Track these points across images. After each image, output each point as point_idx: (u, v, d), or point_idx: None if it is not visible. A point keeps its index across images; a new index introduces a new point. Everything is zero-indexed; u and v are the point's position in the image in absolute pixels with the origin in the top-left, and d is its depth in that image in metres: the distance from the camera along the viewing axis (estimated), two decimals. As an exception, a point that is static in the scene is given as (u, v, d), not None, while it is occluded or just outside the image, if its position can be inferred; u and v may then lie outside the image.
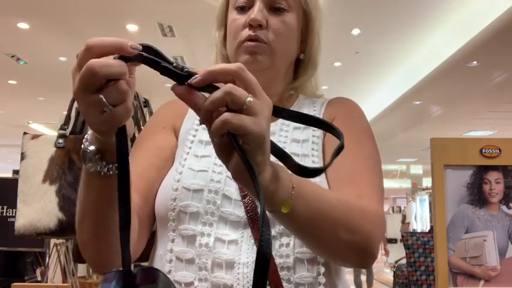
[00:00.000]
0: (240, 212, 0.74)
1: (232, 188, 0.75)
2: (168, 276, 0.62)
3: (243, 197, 0.74)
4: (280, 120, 0.84)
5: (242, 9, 0.83)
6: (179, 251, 0.74)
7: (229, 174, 0.55)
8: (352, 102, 0.93)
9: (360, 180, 0.75)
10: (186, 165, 0.78)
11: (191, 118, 0.88)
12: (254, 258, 0.58)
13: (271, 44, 0.81)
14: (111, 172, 0.58)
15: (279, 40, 0.81)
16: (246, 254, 0.71)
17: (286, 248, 0.72)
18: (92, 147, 0.57)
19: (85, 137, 0.59)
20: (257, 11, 0.79)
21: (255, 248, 0.71)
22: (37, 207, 1.24)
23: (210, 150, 0.75)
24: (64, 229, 1.24)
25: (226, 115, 0.48)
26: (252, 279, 0.53)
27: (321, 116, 0.85)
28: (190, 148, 0.82)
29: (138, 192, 0.76)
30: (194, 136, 0.84)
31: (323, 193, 0.66)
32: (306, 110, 0.86)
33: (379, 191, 0.76)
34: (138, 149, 0.83)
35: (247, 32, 0.80)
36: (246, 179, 0.50)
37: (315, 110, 0.88)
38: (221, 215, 0.74)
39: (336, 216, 0.64)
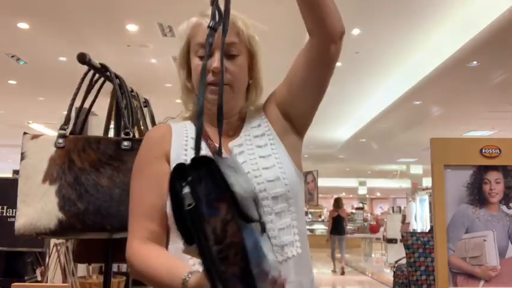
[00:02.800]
0: None
1: None
2: (191, 259, 0.92)
3: None
4: (243, 134, 1.12)
5: (203, 57, 1.03)
6: None
7: None
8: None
9: None
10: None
11: (177, 140, 1.08)
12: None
13: (230, 84, 1.06)
14: None
15: (235, 79, 1.07)
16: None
17: (270, 223, 1.01)
18: None
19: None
20: (217, 61, 1.01)
21: None
22: (37, 207, 1.24)
23: None
24: (64, 229, 1.23)
25: None
26: None
27: (268, 124, 1.14)
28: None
29: (154, 221, 1.01)
30: (186, 156, 1.05)
31: None
32: (256, 117, 1.16)
33: None
34: (140, 180, 1.05)
35: (211, 77, 1.03)
36: None
37: (261, 117, 1.16)
38: None
39: None
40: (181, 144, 1.08)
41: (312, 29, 1.06)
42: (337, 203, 10.77)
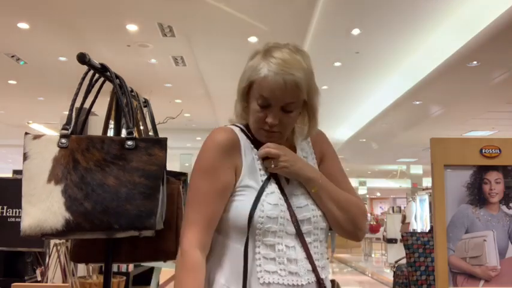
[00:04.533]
0: (291, 228, 1.20)
1: (288, 215, 1.19)
2: (259, 267, 1.15)
3: (293, 220, 1.19)
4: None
5: (262, 106, 1.17)
6: (265, 253, 1.16)
7: (286, 204, 1.20)
8: (325, 135, 1.40)
9: (348, 187, 1.34)
10: (266, 201, 1.17)
11: (248, 154, 1.23)
12: (304, 255, 1.19)
13: (282, 132, 1.22)
14: None
15: (287, 129, 1.23)
16: (300, 253, 1.19)
17: (318, 248, 1.24)
18: None
19: None
20: (273, 117, 1.17)
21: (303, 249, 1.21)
22: (43, 208, 1.23)
23: (272, 187, 1.20)
24: (71, 229, 1.23)
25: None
26: (308, 269, 1.18)
27: (311, 149, 1.35)
28: (263, 185, 1.20)
29: (210, 230, 1.16)
30: (260, 175, 1.22)
31: (338, 189, 1.27)
32: (304, 145, 1.34)
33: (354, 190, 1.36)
34: (208, 183, 1.17)
35: (267, 127, 1.19)
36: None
37: (309, 146, 1.36)
38: (287, 232, 1.19)
39: (343, 206, 1.25)
40: (250, 159, 1.22)
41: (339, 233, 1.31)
42: None
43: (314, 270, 1.18)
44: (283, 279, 1.15)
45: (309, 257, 1.19)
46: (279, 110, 1.17)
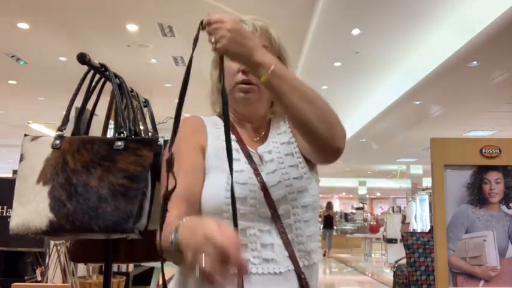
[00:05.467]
0: (266, 210, 1.06)
1: (261, 196, 1.05)
2: None
3: (268, 201, 1.06)
4: (271, 140, 1.17)
5: None
6: None
7: (260, 184, 1.05)
8: None
9: None
10: (233, 181, 1.00)
11: (213, 137, 1.13)
12: (281, 240, 1.04)
13: (258, 85, 1.10)
14: None
15: None
16: (277, 238, 1.05)
17: (299, 230, 1.08)
18: None
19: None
20: None
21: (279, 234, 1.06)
22: (30, 208, 1.24)
23: (242, 165, 1.08)
24: (55, 230, 1.23)
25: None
26: (284, 254, 1.04)
27: (287, 127, 1.20)
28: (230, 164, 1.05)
29: (186, 200, 1.03)
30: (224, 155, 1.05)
31: (300, 80, 0.98)
32: (281, 124, 1.21)
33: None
34: (178, 165, 1.02)
35: (241, 76, 1.10)
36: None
37: (286, 124, 1.21)
38: (259, 215, 1.05)
39: (311, 99, 0.96)
40: (216, 142, 1.11)
41: (310, 145, 1.05)
42: (328, 205, 15.14)
43: (291, 256, 1.05)
44: (257, 267, 1.02)
45: (286, 242, 1.05)
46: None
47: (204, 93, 1.26)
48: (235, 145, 1.11)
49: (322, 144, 1.00)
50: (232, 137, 1.12)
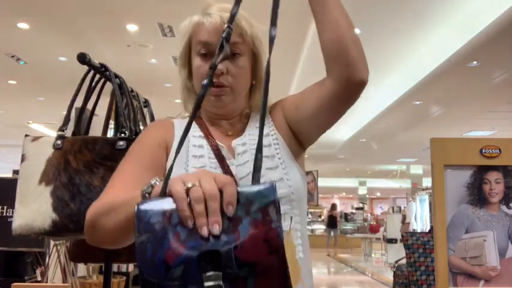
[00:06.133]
0: None
1: None
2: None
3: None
4: (247, 133, 1.08)
5: (204, 56, 1.02)
6: None
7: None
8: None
9: None
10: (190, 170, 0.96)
11: (179, 137, 1.05)
12: None
13: (231, 86, 1.03)
14: None
15: (237, 81, 1.03)
16: None
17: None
18: None
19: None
20: (220, 63, 0.95)
21: None
22: (33, 208, 1.24)
23: (205, 161, 1.00)
24: (58, 230, 1.23)
25: None
26: None
27: (270, 119, 1.11)
28: (187, 162, 1.01)
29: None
30: (188, 152, 1.03)
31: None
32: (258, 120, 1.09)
33: None
34: (135, 162, 0.99)
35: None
36: None
37: (268, 118, 1.12)
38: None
39: (348, 18, 1.02)
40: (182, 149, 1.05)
41: (335, 75, 0.97)
42: (332, 206, 16.31)
43: None
44: None
45: None
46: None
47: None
48: (200, 141, 1.04)
49: (351, 72, 0.94)
50: (200, 133, 1.06)
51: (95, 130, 1.53)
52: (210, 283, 0.57)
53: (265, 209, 0.61)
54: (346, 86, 0.97)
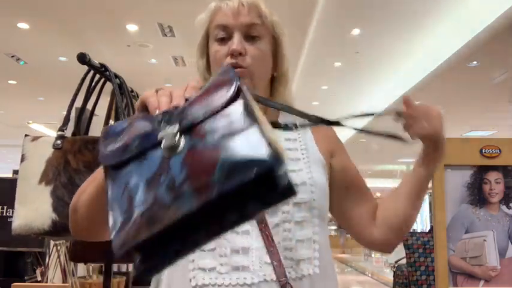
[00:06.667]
0: None
1: None
2: (192, 263, 0.85)
3: None
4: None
5: (222, 41, 0.96)
6: None
7: None
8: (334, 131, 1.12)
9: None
10: None
11: None
12: (263, 243, 0.85)
13: (250, 68, 0.95)
14: None
15: (256, 64, 0.95)
16: (256, 240, 0.86)
17: (288, 232, 0.88)
18: None
19: None
20: (237, 42, 0.93)
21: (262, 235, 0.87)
22: (32, 208, 1.24)
23: None
24: (58, 230, 1.23)
25: None
26: (263, 260, 0.84)
27: (310, 134, 1.04)
28: None
29: None
30: None
31: None
32: (289, 123, 0.99)
33: None
34: None
35: (229, 60, 0.93)
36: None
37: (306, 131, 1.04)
38: None
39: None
40: None
41: (379, 235, 1.04)
42: None
43: (275, 263, 0.85)
44: (224, 278, 0.83)
45: (269, 246, 0.85)
46: (241, 36, 0.95)
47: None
48: None
49: (389, 243, 1.05)
50: None
51: (95, 130, 1.52)
52: (165, 135, 0.55)
53: (223, 76, 0.61)
54: (375, 245, 1.06)
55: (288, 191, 0.48)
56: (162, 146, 0.54)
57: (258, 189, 0.47)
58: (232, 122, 0.53)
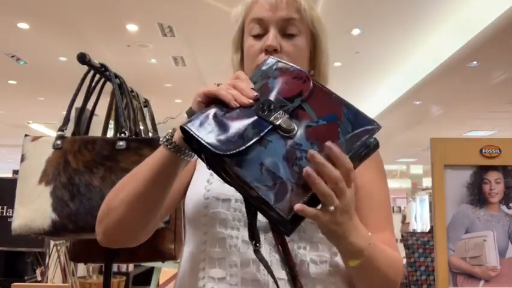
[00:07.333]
0: (261, 217, 0.77)
1: None
2: (202, 272, 0.85)
3: None
4: None
5: (257, 36, 0.94)
6: (211, 251, 0.86)
7: None
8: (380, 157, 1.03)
9: (387, 229, 0.94)
10: (215, 177, 0.86)
11: None
12: (276, 257, 0.83)
13: None
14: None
15: (291, 61, 0.87)
16: (268, 253, 0.84)
17: (304, 250, 0.85)
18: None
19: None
20: (272, 38, 0.90)
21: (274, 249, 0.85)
22: (32, 208, 1.24)
23: None
24: (57, 230, 1.23)
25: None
26: (278, 277, 0.79)
27: None
28: None
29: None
30: None
31: (386, 254, 0.83)
32: None
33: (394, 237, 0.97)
34: None
35: (264, 57, 0.89)
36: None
37: None
38: (246, 221, 0.79)
39: (384, 274, 0.82)
40: None
41: None
42: None
43: (290, 277, 0.81)
44: None
45: (283, 258, 0.83)
46: (277, 32, 0.91)
47: None
48: None
49: None
50: None
51: (95, 130, 1.52)
52: (280, 120, 0.66)
53: (281, 69, 0.76)
54: None
55: (377, 146, 0.75)
56: (280, 129, 0.66)
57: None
58: (325, 103, 0.71)
